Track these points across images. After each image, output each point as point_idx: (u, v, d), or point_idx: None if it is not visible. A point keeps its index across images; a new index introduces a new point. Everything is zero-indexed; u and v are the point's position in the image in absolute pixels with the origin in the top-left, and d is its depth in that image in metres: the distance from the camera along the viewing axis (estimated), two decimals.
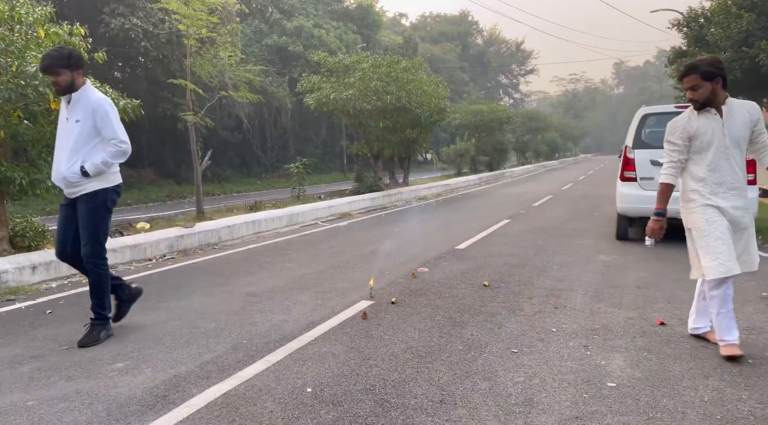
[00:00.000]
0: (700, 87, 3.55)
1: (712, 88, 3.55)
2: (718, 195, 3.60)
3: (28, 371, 3.65)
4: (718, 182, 3.60)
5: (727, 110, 3.60)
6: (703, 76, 3.53)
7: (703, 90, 3.55)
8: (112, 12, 18.29)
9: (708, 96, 3.57)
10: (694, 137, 3.63)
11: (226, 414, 3.00)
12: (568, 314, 4.78)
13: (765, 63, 12.27)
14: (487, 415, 2.96)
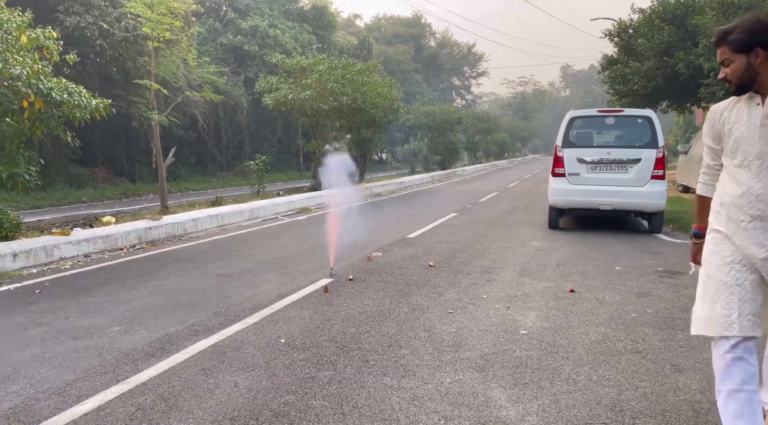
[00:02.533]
0: (731, 62, 2.31)
1: (748, 63, 2.26)
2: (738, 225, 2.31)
3: (37, 333, 4.25)
4: (739, 206, 2.30)
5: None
6: (733, 47, 2.28)
7: (735, 66, 2.29)
8: (67, 10, 18.29)
9: (742, 75, 2.28)
10: (724, 134, 2.40)
11: (216, 357, 3.71)
12: (497, 285, 5.68)
13: (683, 71, 13.70)
14: (424, 353, 3.79)
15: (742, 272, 2.28)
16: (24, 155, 7.10)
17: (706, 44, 12.82)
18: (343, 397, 3.11)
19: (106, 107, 7.56)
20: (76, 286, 5.88)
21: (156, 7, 10.02)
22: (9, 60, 6.30)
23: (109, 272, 6.58)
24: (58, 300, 5.27)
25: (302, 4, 42.76)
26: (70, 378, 3.39)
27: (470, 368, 3.54)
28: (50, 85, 6.56)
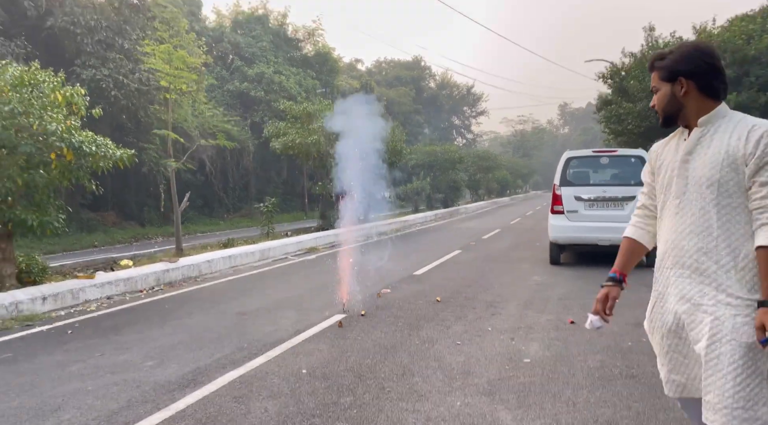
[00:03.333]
0: (658, 90, 2.10)
1: (672, 94, 2.04)
2: (662, 273, 2.11)
3: (76, 369, 4.60)
4: (663, 252, 2.10)
5: (702, 133, 2.01)
6: (661, 74, 2.08)
7: (660, 95, 2.09)
8: (84, 64, 19.18)
9: (666, 106, 2.07)
10: (657, 172, 2.18)
11: (245, 387, 4.05)
12: (502, 318, 6.02)
13: None
14: (435, 380, 4.12)
15: (669, 336, 2.05)
16: (54, 204, 7.56)
17: None
18: (363, 419, 3.44)
19: (130, 157, 8.08)
20: (104, 326, 6.23)
21: (174, 62, 10.70)
22: (44, 117, 6.84)
23: (134, 313, 6.94)
24: (90, 339, 5.63)
25: (306, 51, 44.21)
26: (114, 407, 3.73)
27: (478, 392, 3.87)
28: (81, 139, 7.08)
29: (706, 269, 1.91)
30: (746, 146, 1.86)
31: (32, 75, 7.11)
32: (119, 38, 20.11)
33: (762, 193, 1.83)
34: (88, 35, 19.29)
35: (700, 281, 1.93)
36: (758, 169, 1.85)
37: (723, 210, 1.91)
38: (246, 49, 38.10)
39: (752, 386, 1.80)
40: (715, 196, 1.92)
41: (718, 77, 2.00)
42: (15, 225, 7.17)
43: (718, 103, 1.99)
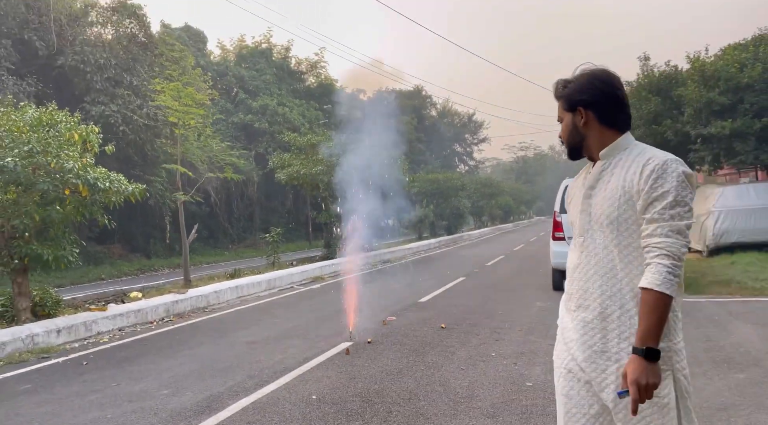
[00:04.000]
0: (563, 120, 1.97)
1: (573, 124, 1.92)
2: (567, 316, 1.94)
3: (95, 398, 4.77)
4: (569, 291, 1.96)
5: (603, 166, 1.88)
6: (564, 103, 1.95)
7: (563, 125, 1.97)
8: (93, 100, 19.72)
9: (568, 137, 1.96)
10: (567, 207, 2.09)
11: (258, 412, 4.21)
12: (505, 344, 6.17)
13: (671, 138, 14.58)
14: (441, 404, 4.27)
15: (568, 378, 1.87)
16: (68, 239, 7.81)
17: (691, 113, 13.77)
18: None
19: (141, 191, 8.35)
20: (117, 357, 6.40)
21: (183, 99, 11.09)
22: (61, 155, 7.14)
23: (146, 344, 7.11)
24: (105, 370, 5.80)
25: (309, 83, 45.08)
26: None
27: (482, 415, 4.02)
28: (96, 176, 7.37)
29: (611, 315, 1.78)
30: (639, 181, 1.73)
31: (50, 115, 7.44)
32: (127, 75, 20.70)
33: (648, 230, 1.69)
34: (97, 73, 19.87)
35: (603, 327, 1.79)
36: (647, 205, 1.71)
37: (625, 251, 1.76)
38: (250, 82, 38.90)
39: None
40: (615, 235, 1.78)
41: (619, 107, 1.88)
42: (31, 260, 7.40)
43: (620, 134, 1.86)
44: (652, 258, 1.65)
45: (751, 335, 5.77)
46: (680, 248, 1.64)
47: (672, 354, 1.71)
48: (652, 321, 1.62)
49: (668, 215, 1.66)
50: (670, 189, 1.67)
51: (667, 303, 1.62)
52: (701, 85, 13.84)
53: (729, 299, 7.98)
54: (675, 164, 1.70)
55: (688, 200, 1.69)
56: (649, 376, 1.60)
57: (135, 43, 21.65)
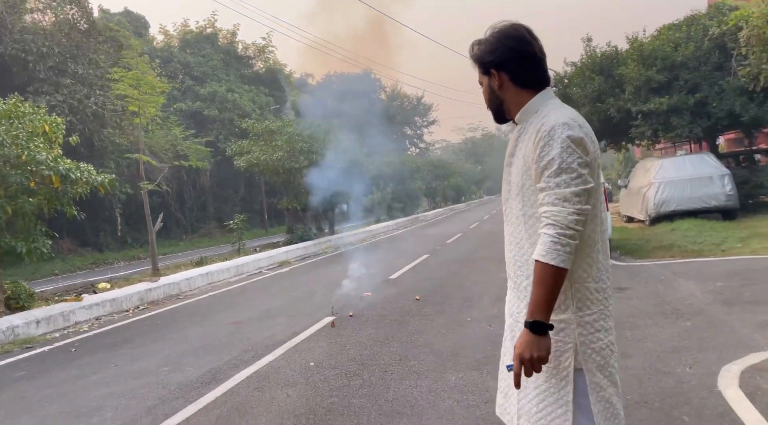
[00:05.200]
0: (482, 84, 1.87)
1: (490, 88, 1.83)
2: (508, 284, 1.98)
3: (97, 379, 4.95)
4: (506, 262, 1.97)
5: (519, 132, 1.82)
6: (479, 65, 1.84)
7: (483, 90, 1.88)
8: (36, 90, 18.98)
9: (488, 101, 1.89)
10: None
11: (262, 379, 4.53)
12: (478, 310, 6.66)
13: (614, 115, 15.46)
14: (430, 363, 4.70)
15: (505, 341, 1.98)
16: (40, 230, 7.77)
17: (632, 91, 14.65)
18: (375, 396, 3.99)
19: (111, 181, 8.37)
20: (105, 343, 6.53)
21: (142, 87, 10.98)
22: (31, 147, 7.10)
23: (129, 330, 7.23)
24: (97, 354, 5.94)
25: (257, 68, 44.41)
26: (149, 404, 4.15)
27: (468, 368, 4.47)
28: (68, 167, 7.36)
29: (521, 284, 1.80)
30: (533, 149, 1.66)
31: (15, 107, 7.35)
32: (72, 63, 19.99)
33: (539, 200, 1.64)
34: (39, 62, 19.13)
35: (517, 297, 1.82)
36: (538, 174, 1.65)
37: (529, 221, 1.73)
38: (196, 68, 38.01)
39: (554, 414, 1.67)
40: (521, 205, 1.75)
41: (530, 63, 1.75)
42: (4, 253, 7.35)
43: (536, 94, 1.76)
44: (540, 228, 1.61)
45: (694, 290, 6.48)
46: (567, 217, 1.56)
47: (576, 327, 1.67)
48: (539, 293, 1.57)
49: (554, 183, 1.59)
50: (555, 157, 1.60)
51: (553, 274, 1.56)
52: (640, 64, 14.72)
53: (672, 261, 8.77)
54: (561, 129, 1.61)
55: (576, 166, 1.59)
56: (533, 350, 1.57)
57: (77, 31, 20.89)
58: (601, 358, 1.69)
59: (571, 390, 1.66)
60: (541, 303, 1.58)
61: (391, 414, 3.62)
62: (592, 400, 1.66)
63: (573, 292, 1.68)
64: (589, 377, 1.67)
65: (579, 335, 1.67)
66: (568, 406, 1.66)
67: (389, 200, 31.77)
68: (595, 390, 1.67)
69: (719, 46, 14.20)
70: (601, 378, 1.69)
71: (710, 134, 15.99)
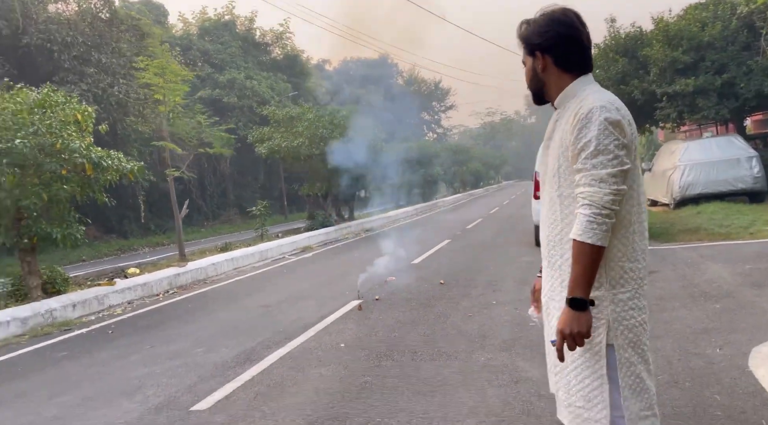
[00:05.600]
0: (525, 65, 1.91)
1: (533, 69, 1.86)
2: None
3: (136, 359, 5.14)
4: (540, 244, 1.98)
5: (558, 115, 1.86)
6: (525, 46, 1.87)
7: (526, 71, 1.90)
8: (62, 80, 19.29)
9: (530, 82, 1.92)
10: None
11: (295, 360, 4.66)
12: (503, 293, 6.72)
13: (638, 97, 15.25)
14: (458, 344, 4.79)
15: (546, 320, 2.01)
16: (74, 217, 7.99)
17: (656, 72, 14.41)
18: (407, 375, 4.09)
19: (141, 169, 8.54)
20: (139, 325, 6.74)
21: (167, 76, 11.14)
22: (65, 135, 7.28)
23: (161, 313, 7.44)
24: (134, 336, 6.14)
25: (275, 55, 44.46)
26: (189, 382, 4.30)
27: (497, 349, 4.54)
28: (100, 155, 7.54)
29: (555, 263, 1.83)
30: (570, 131, 1.70)
31: (48, 97, 7.53)
32: (95, 53, 20.26)
33: (576, 181, 1.69)
34: (64, 51, 19.42)
35: (551, 275, 1.86)
36: (575, 156, 1.70)
37: (565, 201, 1.78)
38: (215, 55, 38.18)
39: (591, 387, 1.74)
40: (557, 186, 1.79)
41: (576, 49, 1.78)
42: (40, 239, 7.58)
43: (577, 78, 1.79)
44: (577, 208, 1.66)
45: (722, 272, 6.45)
46: (603, 197, 1.61)
47: (609, 304, 1.72)
48: (577, 271, 1.64)
49: (590, 165, 1.64)
50: (591, 138, 1.64)
51: (590, 252, 1.61)
52: (665, 44, 14.46)
53: (699, 244, 8.70)
54: (599, 112, 1.65)
55: (612, 147, 1.63)
56: (573, 325, 1.63)
57: (99, 20, 21.14)
58: (633, 335, 1.74)
59: (604, 364, 1.72)
60: (579, 281, 1.64)
61: (424, 393, 3.72)
62: (621, 374, 1.72)
63: (606, 270, 1.72)
64: (620, 353, 1.72)
65: (612, 312, 1.72)
66: (603, 379, 1.72)
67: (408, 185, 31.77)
68: (625, 365, 1.73)
69: (747, 26, 13.87)
70: (631, 353, 1.74)
71: (737, 115, 15.71)
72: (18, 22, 18.89)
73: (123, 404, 3.97)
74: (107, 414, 3.83)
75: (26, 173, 7.36)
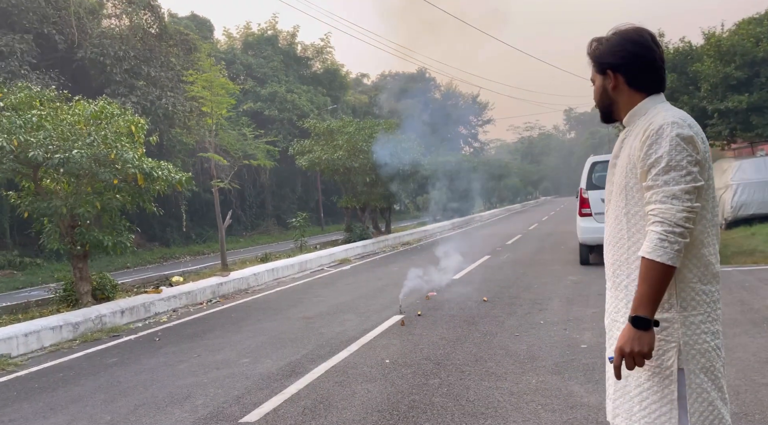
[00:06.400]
0: (595, 82, 1.90)
1: (603, 87, 1.85)
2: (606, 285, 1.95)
3: (184, 368, 5.19)
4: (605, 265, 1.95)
5: (626, 134, 1.85)
6: (596, 64, 1.87)
7: (595, 88, 1.90)
8: (113, 92, 20.01)
9: (598, 100, 1.90)
10: None
11: (340, 374, 4.63)
12: (550, 313, 6.56)
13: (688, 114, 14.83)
14: (507, 364, 4.67)
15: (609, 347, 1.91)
16: (124, 225, 8.21)
17: (708, 88, 14.00)
18: (456, 395, 4.00)
19: (189, 180, 8.72)
20: (185, 333, 6.83)
21: (215, 89, 11.42)
22: (118, 147, 7.50)
23: (206, 322, 7.54)
24: (180, 345, 6.22)
25: (315, 68, 45.17)
26: (236, 393, 4.32)
27: (548, 372, 4.41)
28: (151, 165, 7.74)
29: (620, 283, 1.79)
30: (639, 148, 1.68)
31: (103, 109, 7.80)
32: (145, 66, 20.96)
33: (646, 198, 1.66)
34: (116, 65, 20.16)
35: (615, 296, 1.82)
36: (645, 173, 1.67)
37: (632, 219, 1.74)
38: (258, 69, 39.03)
39: (657, 413, 1.67)
40: (624, 204, 1.76)
41: (649, 69, 1.78)
42: (92, 246, 7.80)
43: (645, 97, 1.78)
44: (648, 226, 1.62)
45: None
46: (675, 214, 1.56)
47: (680, 327, 1.66)
48: (643, 289, 1.59)
49: (662, 181, 1.61)
50: (663, 154, 1.61)
51: (659, 271, 1.56)
52: (717, 60, 14.06)
53: (755, 267, 8.34)
54: (670, 128, 1.63)
55: (685, 164, 1.60)
56: (635, 344, 1.58)
57: (149, 35, 21.89)
58: (706, 360, 1.67)
59: (675, 389, 1.65)
60: (644, 300, 1.58)
61: (475, 415, 3.63)
62: (690, 401, 1.64)
63: (677, 291, 1.67)
64: (692, 378, 1.65)
65: (683, 334, 1.66)
66: (673, 404, 1.64)
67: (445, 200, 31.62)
68: (696, 391, 1.65)
69: None
70: (704, 379, 1.66)
71: None
72: (74, 36, 19.72)
73: (174, 412, 4.01)
74: (159, 421, 3.87)
75: (81, 182, 7.61)
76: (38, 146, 7.03)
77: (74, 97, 8.66)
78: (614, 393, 1.78)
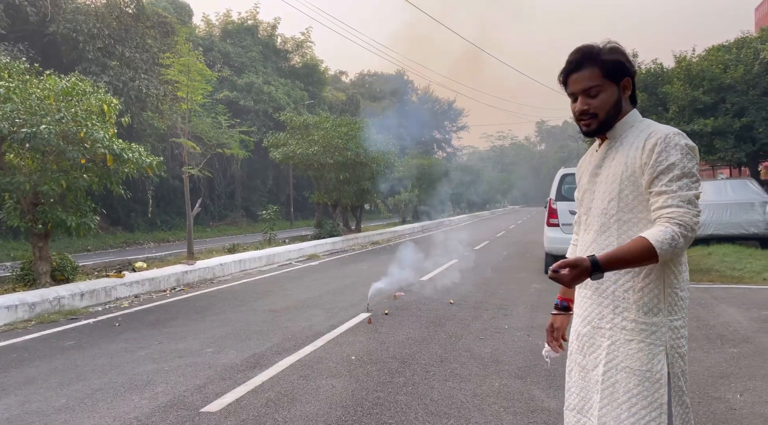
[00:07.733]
0: (601, 91, 1.79)
1: (618, 97, 1.81)
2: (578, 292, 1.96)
3: (144, 354, 5.09)
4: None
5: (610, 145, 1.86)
6: (608, 71, 1.78)
7: (606, 97, 1.79)
8: (84, 70, 19.46)
9: (611, 110, 1.81)
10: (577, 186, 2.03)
11: (306, 368, 4.60)
12: (514, 318, 6.66)
13: None
14: (472, 367, 4.73)
15: (571, 358, 1.96)
16: (89, 206, 7.99)
17: (676, 110, 14.44)
18: (420, 394, 4.03)
19: (159, 164, 8.55)
20: (147, 320, 6.69)
21: (192, 74, 11.21)
22: (89, 125, 7.30)
23: (169, 310, 7.40)
24: (141, 331, 6.09)
25: (294, 62, 44.81)
26: (198, 382, 4.25)
27: (512, 376, 4.48)
28: (121, 147, 7.56)
29: (606, 289, 1.79)
30: (642, 155, 1.72)
31: (75, 85, 7.58)
32: (120, 46, 20.45)
33: (658, 203, 1.67)
34: (89, 42, 19.61)
35: (599, 303, 1.81)
36: (652, 179, 1.70)
37: (624, 226, 1.77)
38: (236, 58, 38.51)
39: (647, 418, 1.68)
40: (615, 211, 1.78)
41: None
42: (54, 225, 7.57)
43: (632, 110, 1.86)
44: (661, 223, 1.63)
45: (738, 316, 6.38)
46: (692, 218, 1.61)
47: (667, 331, 1.71)
48: (623, 258, 1.61)
49: (676, 186, 1.65)
50: (676, 162, 1.66)
51: (648, 258, 1.59)
52: (686, 83, 14.52)
53: (711, 286, 8.63)
54: (677, 138, 1.70)
55: (695, 171, 1.69)
56: (575, 276, 1.58)
57: (126, 14, 21.37)
58: (683, 363, 1.74)
59: (665, 393, 1.68)
60: (616, 265, 1.62)
61: (438, 415, 3.66)
62: (674, 403, 1.69)
63: (665, 296, 1.72)
64: (674, 381, 1.70)
65: (669, 338, 1.71)
66: (662, 409, 1.67)
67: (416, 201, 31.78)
68: (678, 393, 1.70)
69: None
70: (683, 383, 1.72)
71: (752, 159, 15.69)
72: (47, 9, 19.11)
73: (133, 398, 3.93)
74: (116, 407, 3.79)
75: (47, 159, 7.39)
76: (4, 119, 6.80)
77: (48, 71, 8.41)
78: (601, 401, 1.77)
